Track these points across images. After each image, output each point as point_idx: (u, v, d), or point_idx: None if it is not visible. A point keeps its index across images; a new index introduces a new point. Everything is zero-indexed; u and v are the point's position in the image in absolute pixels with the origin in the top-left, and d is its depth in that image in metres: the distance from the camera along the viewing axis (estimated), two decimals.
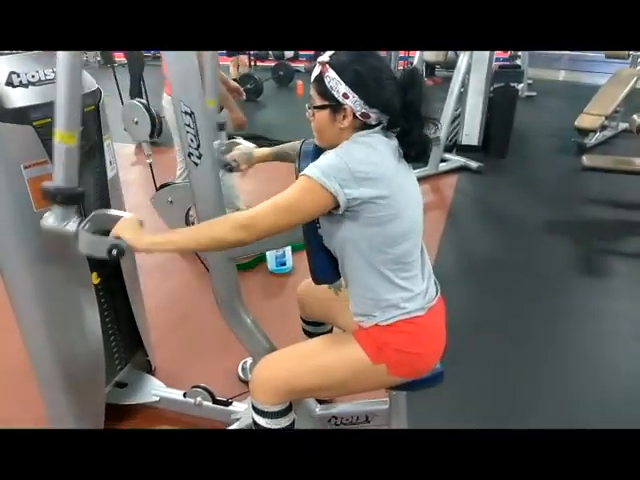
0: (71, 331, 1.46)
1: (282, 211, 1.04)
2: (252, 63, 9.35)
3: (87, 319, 1.49)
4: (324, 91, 1.08)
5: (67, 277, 1.41)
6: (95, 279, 1.50)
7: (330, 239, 1.18)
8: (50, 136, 1.17)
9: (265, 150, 1.54)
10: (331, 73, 1.06)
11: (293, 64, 8.44)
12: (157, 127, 1.34)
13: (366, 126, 1.10)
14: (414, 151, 1.12)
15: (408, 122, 1.09)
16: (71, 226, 1.21)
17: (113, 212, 1.27)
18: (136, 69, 5.85)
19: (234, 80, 6.32)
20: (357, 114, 1.07)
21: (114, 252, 1.13)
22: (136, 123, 1.33)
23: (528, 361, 2.07)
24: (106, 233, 1.16)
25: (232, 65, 6.54)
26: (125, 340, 1.76)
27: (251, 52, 9.37)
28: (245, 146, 1.58)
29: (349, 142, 1.09)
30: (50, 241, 1.28)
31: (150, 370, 1.91)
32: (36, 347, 1.46)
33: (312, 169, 1.03)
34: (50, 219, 1.22)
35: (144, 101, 1.33)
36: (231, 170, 1.54)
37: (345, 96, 1.06)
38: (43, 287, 1.37)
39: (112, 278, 1.60)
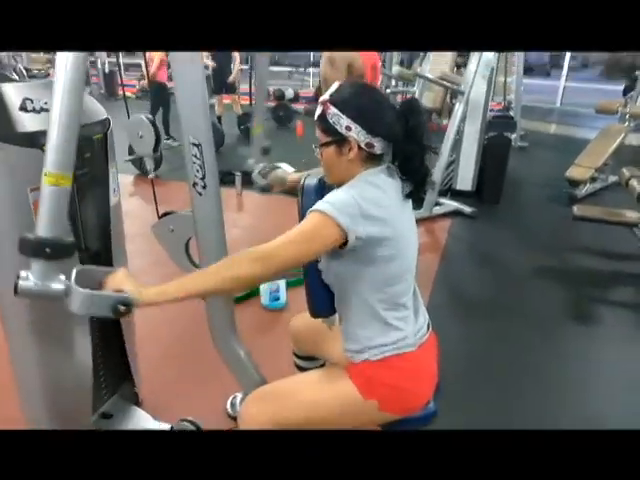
0: (61, 359, 1.44)
1: (296, 244, 1.05)
2: (252, 102, 9.61)
3: (79, 348, 1.47)
4: (328, 128, 1.12)
5: (60, 304, 1.39)
6: None
7: (329, 274, 1.20)
8: None
9: (297, 175, 1.62)
10: (332, 110, 1.11)
11: (293, 105, 8.66)
12: (161, 144, 1.36)
13: (372, 157, 1.14)
14: (415, 179, 1.16)
15: (410, 148, 1.13)
16: (57, 284, 1.04)
17: (98, 268, 1.15)
18: (156, 101, 5.98)
19: (218, 118, 6.48)
20: (362, 144, 1.11)
21: (121, 308, 0.99)
22: (140, 137, 1.36)
23: (516, 403, 2.06)
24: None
25: (217, 103, 6.68)
26: (113, 370, 1.73)
27: (252, 92, 9.66)
28: (283, 170, 1.72)
29: (358, 181, 1.12)
30: None
31: (137, 402, 1.87)
32: (23, 371, 1.44)
33: (324, 205, 1.05)
34: (30, 278, 1.02)
35: (150, 116, 1.36)
36: (264, 190, 1.73)
37: (348, 128, 1.09)
38: (38, 313, 1.35)
39: None
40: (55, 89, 1.02)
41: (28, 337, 1.37)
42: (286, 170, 1.73)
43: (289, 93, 9.37)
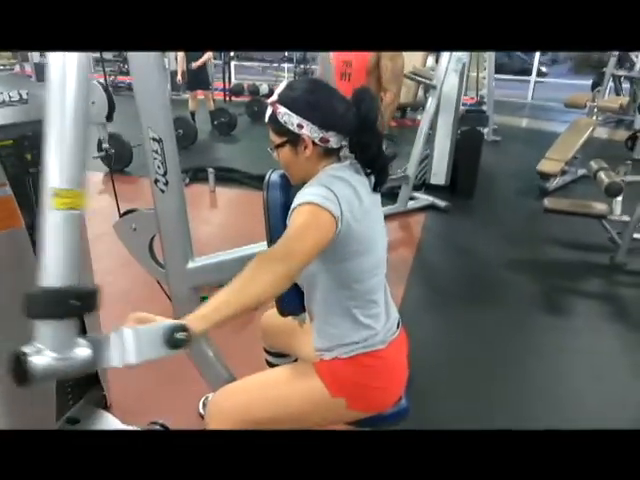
0: None
1: (306, 236, 0.99)
2: (227, 98, 9.50)
3: None
4: (280, 128, 1.10)
5: (18, 297, 1.32)
6: None
7: None
8: (7, 157, 1.10)
9: None
10: (282, 109, 1.08)
11: (267, 100, 8.59)
12: (114, 110, 1.23)
13: (330, 151, 1.12)
14: (376, 166, 1.14)
15: (365, 137, 1.10)
16: (83, 350, 0.79)
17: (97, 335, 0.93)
18: None
19: (192, 114, 6.40)
20: (316, 140, 1.08)
21: (179, 335, 0.82)
22: (92, 103, 1.29)
23: (492, 395, 2.08)
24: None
25: (191, 98, 6.62)
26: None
27: (226, 87, 9.56)
28: None
29: (325, 175, 1.09)
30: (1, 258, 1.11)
31: (106, 406, 1.82)
32: None
33: (307, 196, 1.01)
34: (46, 352, 0.75)
35: (102, 81, 1.30)
36: None
37: (300, 126, 1.07)
38: None
39: None
40: (52, 89, 0.84)
41: None
42: None
43: (263, 88, 9.31)
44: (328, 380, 1.14)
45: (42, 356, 0.75)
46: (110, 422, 1.72)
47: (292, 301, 1.25)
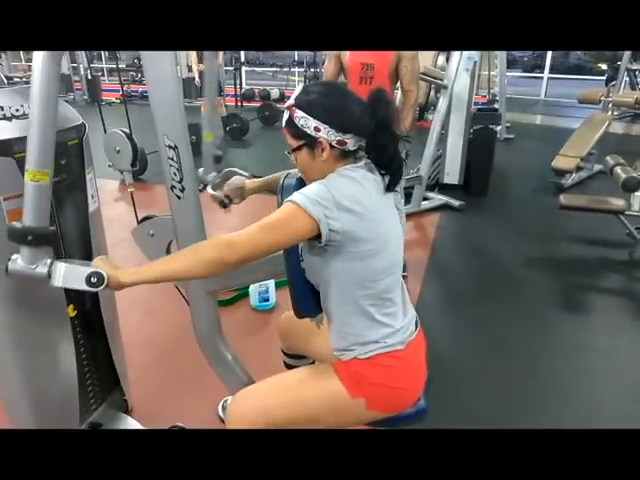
0: (44, 367, 1.42)
1: (265, 231, 1.05)
2: (239, 103, 9.57)
3: (61, 354, 1.45)
4: (297, 132, 1.11)
5: (42, 309, 1.37)
6: (71, 311, 1.46)
7: (312, 272, 1.19)
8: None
9: (257, 181, 1.55)
10: (299, 113, 1.09)
11: (278, 105, 8.64)
12: (138, 157, 1.34)
13: (347, 154, 1.13)
14: (392, 167, 1.14)
15: (382, 138, 1.11)
16: (41, 268, 1.13)
17: (81, 261, 1.21)
18: None
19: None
20: (333, 143, 1.09)
21: (93, 279, 1.05)
22: (118, 152, 1.34)
23: (511, 394, 2.06)
24: None
25: (203, 105, 6.68)
26: (101, 378, 1.70)
27: (237, 93, 9.63)
28: (238, 179, 1.56)
29: (335, 175, 1.10)
30: None
31: (127, 410, 1.85)
32: (5, 381, 1.41)
33: (297, 195, 1.05)
34: (18, 261, 1.13)
35: (126, 130, 1.34)
36: (224, 206, 1.53)
37: (317, 129, 1.08)
38: (16, 319, 1.33)
39: (89, 312, 1.57)
40: (32, 90, 1.07)
41: (9, 345, 1.35)
42: (241, 178, 1.56)
43: (274, 93, 9.35)
44: (347, 381, 1.14)
45: (15, 264, 1.13)
46: (131, 425, 1.74)
47: (309, 302, 1.26)
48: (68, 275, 1.11)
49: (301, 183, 1.21)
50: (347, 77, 2.82)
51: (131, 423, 1.76)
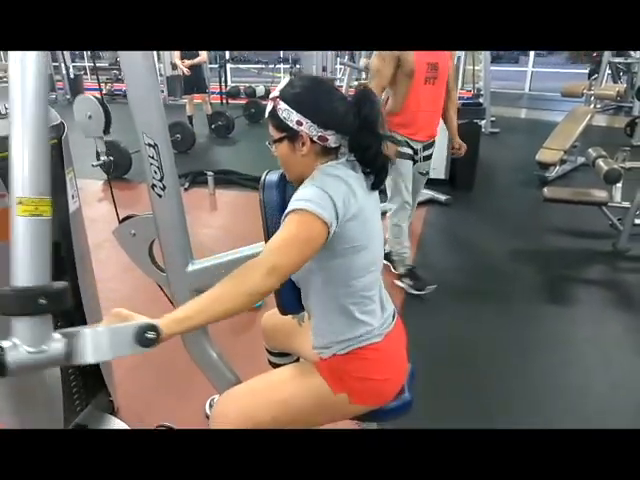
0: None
1: (295, 248, 1.00)
2: (224, 101, 9.52)
3: None
4: (279, 123, 1.11)
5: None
6: None
7: None
8: (6, 168, 1.12)
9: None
10: (282, 105, 1.09)
11: (264, 102, 8.61)
12: (110, 123, 1.25)
13: (328, 150, 1.12)
14: (375, 168, 1.14)
15: (365, 138, 1.10)
16: (56, 343, 0.82)
17: (77, 328, 0.88)
18: None
19: (189, 118, 6.44)
20: (314, 138, 1.09)
21: (149, 335, 0.85)
22: (89, 118, 1.30)
23: (496, 386, 2.08)
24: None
25: (188, 103, 6.65)
26: (86, 380, 1.69)
27: (223, 91, 9.57)
28: None
29: (320, 173, 1.09)
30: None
31: (113, 410, 1.83)
32: None
33: (302, 203, 1.01)
34: (21, 347, 0.79)
35: (98, 96, 1.31)
36: None
37: (299, 123, 1.08)
38: None
39: (72, 311, 1.55)
40: (14, 97, 0.84)
41: None
42: None
43: (260, 90, 9.32)
44: (329, 377, 1.15)
45: (17, 351, 0.79)
46: (117, 426, 1.73)
47: (292, 300, 1.26)
48: (111, 341, 0.83)
49: (282, 179, 1.21)
50: (403, 78, 2.37)
51: (117, 423, 1.75)
